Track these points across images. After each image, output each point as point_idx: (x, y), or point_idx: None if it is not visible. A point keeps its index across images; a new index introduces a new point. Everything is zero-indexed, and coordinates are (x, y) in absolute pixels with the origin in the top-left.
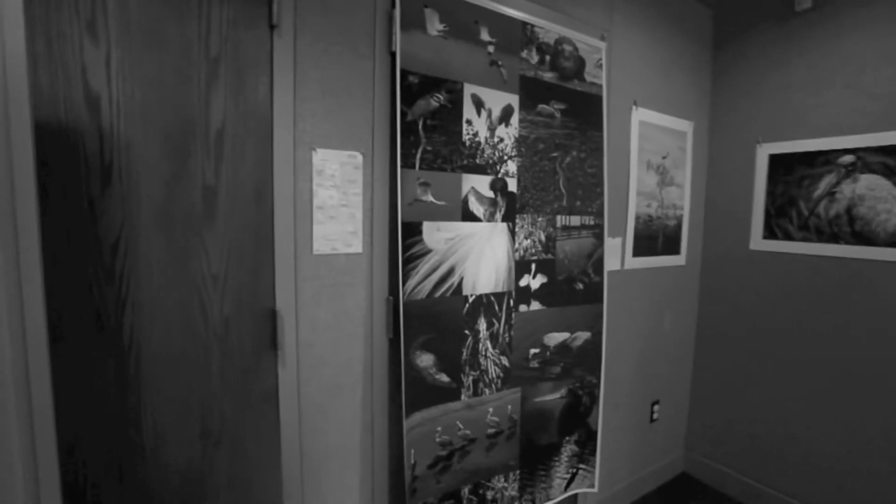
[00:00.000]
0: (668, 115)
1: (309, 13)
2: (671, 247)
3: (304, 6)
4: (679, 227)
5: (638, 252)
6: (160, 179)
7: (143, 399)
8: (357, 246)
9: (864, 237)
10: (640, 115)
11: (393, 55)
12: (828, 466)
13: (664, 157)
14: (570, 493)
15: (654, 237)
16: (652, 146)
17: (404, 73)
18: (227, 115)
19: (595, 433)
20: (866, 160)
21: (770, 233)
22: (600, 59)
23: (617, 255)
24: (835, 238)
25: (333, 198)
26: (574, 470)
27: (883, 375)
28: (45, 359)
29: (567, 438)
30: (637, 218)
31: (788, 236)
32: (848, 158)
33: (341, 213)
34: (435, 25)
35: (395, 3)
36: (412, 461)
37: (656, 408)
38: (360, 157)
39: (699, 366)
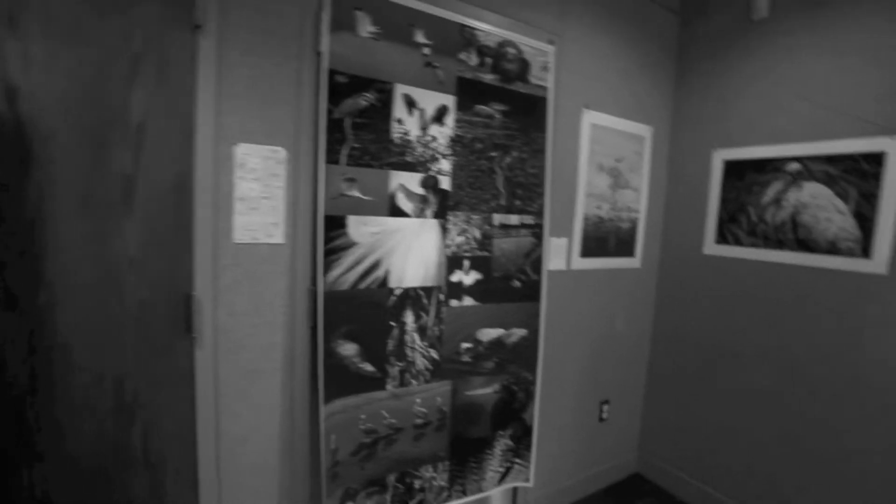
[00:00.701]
0: (625, 118)
1: (236, 14)
2: (624, 249)
3: (231, 7)
4: (634, 229)
5: (587, 253)
6: (79, 168)
7: (55, 373)
8: (279, 237)
9: (806, 244)
10: (592, 118)
11: (321, 55)
12: (771, 473)
13: (618, 161)
14: (504, 486)
15: (605, 239)
16: (605, 149)
17: (332, 73)
18: (149, 110)
19: (531, 429)
20: (810, 168)
21: (722, 238)
22: (547, 62)
23: (562, 255)
24: (780, 244)
25: (255, 190)
26: (509, 464)
27: (818, 387)
28: None
29: (500, 433)
30: (586, 219)
31: (738, 242)
32: (794, 166)
33: (263, 205)
34: (366, 27)
35: (324, 5)
36: (333, 447)
37: (605, 407)
38: (283, 153)
39: (654, 368)
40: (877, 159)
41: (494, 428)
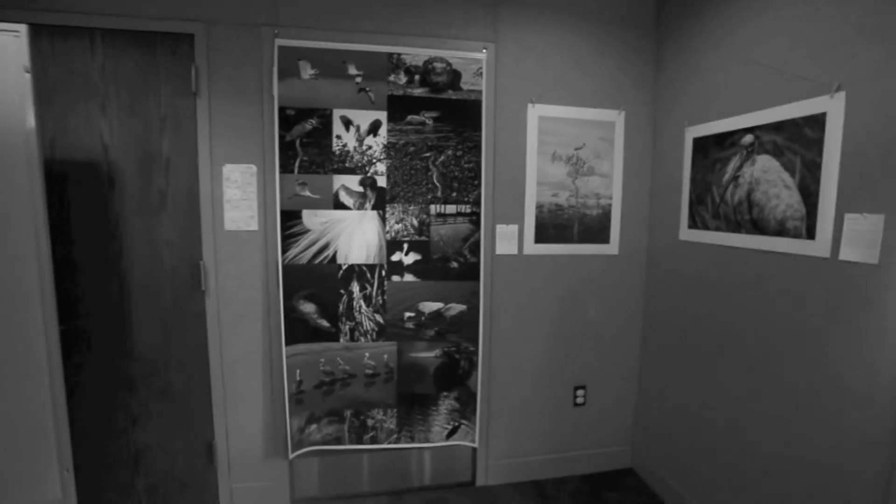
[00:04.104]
0: (585, 107)
1: (219, 82)
2: (594, 235)
3: (216, 78)
4: (605, 216)
5: (542, 239)
6: (136, 186)
7: (129, 306)
8: (254, 226)
9: (759, 225)
10: (540, 112)
11: (274, 98)
12: (738, 487)
13: (578, 149)
14: (453, 442)
15: (567, 226)
16: (559, 139)
17: (282, 109)
18: (171, 149)
19: (475, 395)
20: (762, 139)
21: (693, 222)
22: (480, 68)
23: (513, 240)
24: (738, 227)
25: (237, 195)
26: (456, 423)
27: (771, 388)
28: (49, 272)
29: (445, 394)
30: (540, 207)
31: (705, 225)
32: (748, 139)
33: (242, 205)
34: (307, 71)
35: (274, 62)
36: (299, 378)
37: (580, 393)
38: (254, 168)
39: (646, 360)
40: (818, 122)
41: (439, 388)
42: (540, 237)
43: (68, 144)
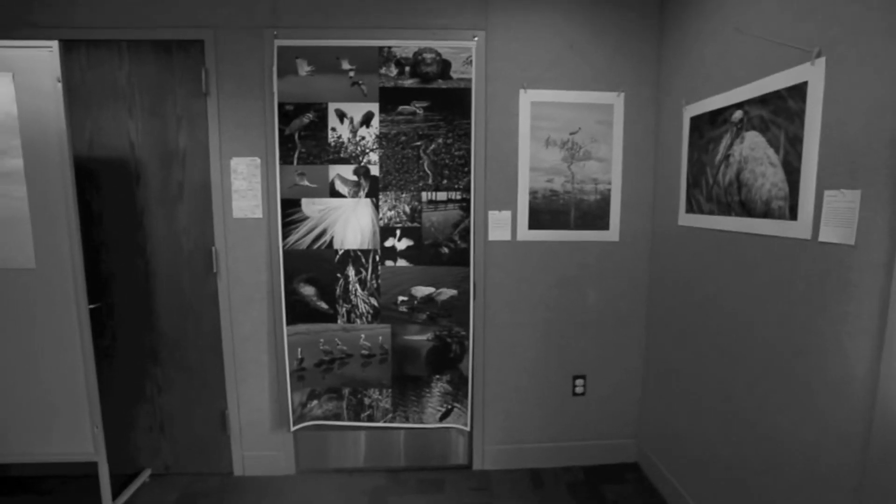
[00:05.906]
0: (580, 90)
1: (226, 82)
2: (592, 221)
3: (223, 79)
4: (604, 201)
5: (537, 225)
6: (158, 179)
7: (153, 287)
8: (259, 213)
9: (747, 207)
10: (533, 97)
11: (273, 94)
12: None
13: (573, 133)
14: (446, 424)
15: (563, 212)
16: (553, 124)
17: (281, 105)
18: (187, 145)
19: (467, 379)
20: (750, 115)
21: (690, 206)
22: (469, 56)
23: (505, 226)
24: (728, 209)
25: (243, 185)
26: (449, 406)
27: (759, 380)
28: (80, 257)
29: (437, 377)
30: (534, 193)
31: (700, 209)
32: (738, 115)
33: (248, 194)
34: (304, 68)
35: (274, 61)
36: (300, 356)
37: (579, 382)
38: (258, 161)
39: (651, 351)
40: (800, 92)
41: (431, 371)
42: (534, 223)
43: (102, 144)
